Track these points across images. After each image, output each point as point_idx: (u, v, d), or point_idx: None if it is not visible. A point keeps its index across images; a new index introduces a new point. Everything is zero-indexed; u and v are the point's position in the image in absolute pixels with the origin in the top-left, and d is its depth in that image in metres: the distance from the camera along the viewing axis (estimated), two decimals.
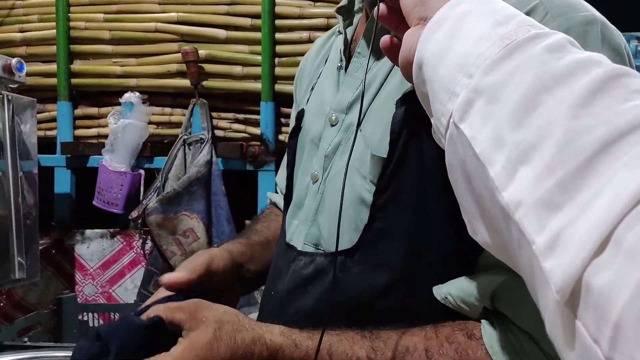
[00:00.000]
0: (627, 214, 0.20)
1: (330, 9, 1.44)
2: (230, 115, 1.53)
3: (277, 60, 1.48)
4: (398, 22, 0.43)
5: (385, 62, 0.55)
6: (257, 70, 1.47)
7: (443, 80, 0.32)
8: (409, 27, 0.39)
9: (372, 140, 0.52)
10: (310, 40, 1.45)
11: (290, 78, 1.47)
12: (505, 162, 0.26)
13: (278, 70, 1.48)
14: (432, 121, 0.35)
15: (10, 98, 1.06)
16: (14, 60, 1.00)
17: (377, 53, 0.55)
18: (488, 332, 0.44)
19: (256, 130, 1.50)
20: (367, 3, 0.46)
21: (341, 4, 0.64)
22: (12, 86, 1.08)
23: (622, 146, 0.22)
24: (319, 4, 1.46)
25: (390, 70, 0.55)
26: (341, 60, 0.61)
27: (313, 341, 0.45)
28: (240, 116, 1.53)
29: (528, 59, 0.28)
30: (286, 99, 1.49)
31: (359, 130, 0.54)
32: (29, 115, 1.24)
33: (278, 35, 1.47)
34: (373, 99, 0.55)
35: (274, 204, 0.79)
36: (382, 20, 0.44)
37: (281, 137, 1.51)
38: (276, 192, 0.81)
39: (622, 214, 0.20)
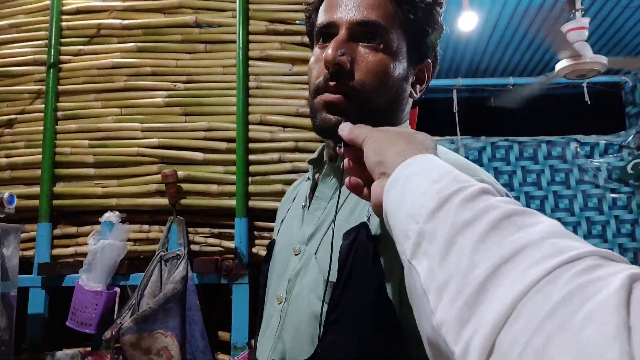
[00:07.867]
0: (504, 323, 0.29)
1: (298, 134, 1.60)
2: (206, 229, 1.61)
3: (250, 179, 1.60)
4: (362, 172, 0.54)
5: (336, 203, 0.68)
6: (232, 188, 1.59)
7: (401, 226, 0.42)
8: (373, 177, 0.50)
9: (325, 266, 0.63)
10: (280, 161, 1.59)
11: (262, 195, 1.59)
12: (435, 290, 0.35)
13: (251, 188, 1.59)
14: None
15: None
16: (6, 194, 1.09)
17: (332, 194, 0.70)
18: None
19: (230, 244, 1.58)
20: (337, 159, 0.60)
21: (312, 157, 0.79)
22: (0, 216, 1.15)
23: (503, 271, 0.31)
24: (287, 129, 1.62)
25: (339, 209, 0.68)
26: (306, 201, 0.75)
27: None
28: (215, 230, 1.61)
29: (451, 209, 0.38)
30: (259, 214, 1.59)
31: (315, 257, 0.66)
32: (12, 239, 1.30)
33: (251, 157, 1.61)
34: (326, 231, 0.67)
35: None
36: (348, 172, 0.57)
37: (254, 249, 1.59)
38: None
39: (501, 324, 0.29)
